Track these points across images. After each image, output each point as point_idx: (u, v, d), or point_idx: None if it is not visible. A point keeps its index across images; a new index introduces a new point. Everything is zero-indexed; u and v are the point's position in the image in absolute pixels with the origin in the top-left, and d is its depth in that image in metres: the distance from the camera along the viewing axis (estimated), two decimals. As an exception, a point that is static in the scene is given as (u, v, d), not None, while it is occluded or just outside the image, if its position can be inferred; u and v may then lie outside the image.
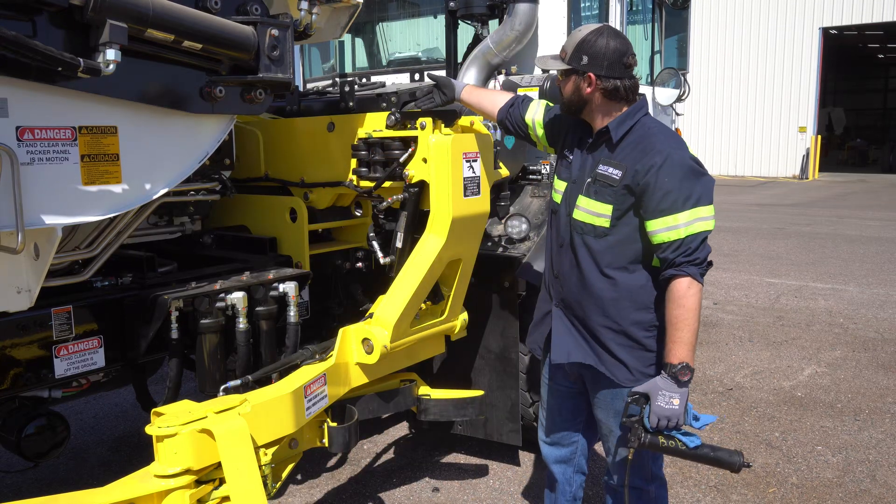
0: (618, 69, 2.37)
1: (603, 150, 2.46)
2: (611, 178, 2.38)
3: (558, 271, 2.60)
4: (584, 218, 2.45)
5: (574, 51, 2.39)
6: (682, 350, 2.27)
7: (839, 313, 7.14)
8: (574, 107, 2.49)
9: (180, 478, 2.37)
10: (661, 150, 2.32)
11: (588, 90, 2.40)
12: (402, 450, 4.25)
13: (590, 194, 2.43)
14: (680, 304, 2.27)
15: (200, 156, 2.76)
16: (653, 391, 2.28)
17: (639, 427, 2.30)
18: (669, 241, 2.29)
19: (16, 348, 2.58)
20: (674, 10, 5.33)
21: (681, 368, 2.26)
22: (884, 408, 4.77)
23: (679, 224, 2.27)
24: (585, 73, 2.39)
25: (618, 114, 2.43)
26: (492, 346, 3.76)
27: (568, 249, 2.53)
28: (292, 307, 3.12)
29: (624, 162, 2.37)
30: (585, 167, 2.49)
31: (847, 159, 29.97)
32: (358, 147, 3.50)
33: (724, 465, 2.30)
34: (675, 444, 2.29)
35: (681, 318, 2.27)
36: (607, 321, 2.45)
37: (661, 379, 2.29)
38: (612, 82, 2.38)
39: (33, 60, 2.08)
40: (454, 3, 4.16)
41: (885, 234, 12.05)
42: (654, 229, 2.31)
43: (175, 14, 2.40)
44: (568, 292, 2.56)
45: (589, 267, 2.46)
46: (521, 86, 4.00)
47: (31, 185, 2.21)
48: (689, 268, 2.27)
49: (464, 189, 3.14)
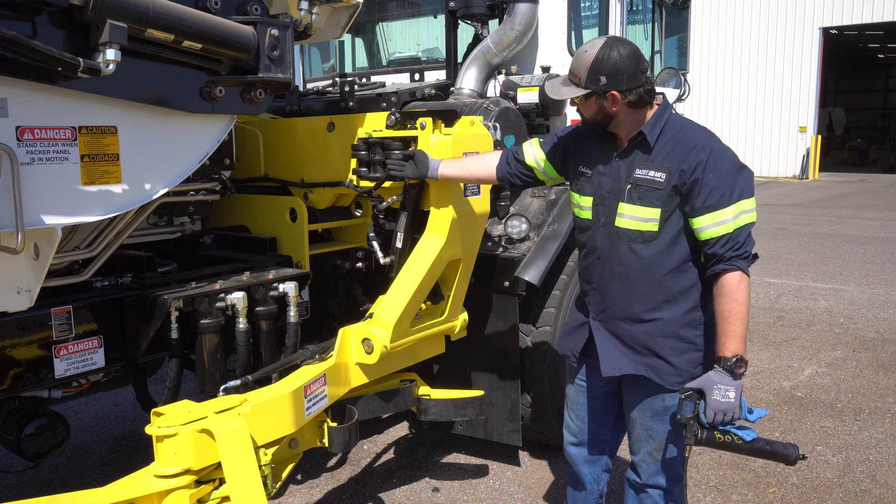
0: (637, 78, 2.33)
1: (637, 155, 2.41)
2: (654, 181, 2.34)
3: (597, 283, 2.54)
4: (630, 225, 2.40)
5: (589, 73, 2.32)
6: (735, 343, 2.27)
7: (839, 313, 7.14)
8: (600, 125, 2.44)
9: (180, 478, 2.37)
10: (704, 147, 2.31)
11: (614, 108, 2.36)
12: (402, 450, 4.24)
13: (633, 200, 2.38)
14: (732, 297, 2.27)
15: (200, 156, 2.76)
16: (707, 386, 2.27)
17: (694, 424, 2.29)
18: (718, 237, 2.28)
19: (16, 348, 2.58)
20: (674, 10, 5.33)
21: (735, 361, 2.26)
22: (884, 408, 4.77)
23: (727, 219, 2.26)
24: (608, 93, 2.33)
25: (646, 119, 2.40)
26: (492, 346, 3.75)
27: (609, 260, 2.48)
28: (292, 307, 3.12)
29: (665, 163, 2.34)
30: (619, 175, 2.43)
31: (847, 159, 29.97)
32: (358, 147, 3.50)
33: (779, 458, 2.29)
34: (731, 438, 2.28)
35: (733, 312, 2.27)
36: (658, 327, 2.43)
37: (715, 373, 2.27)
38: (636, 93, 2.34)
39: (33, 60, 2.08)
40: (454, 3, 4.16)
41: (885, 234, 12.05)
42: (702, 225, 2.30)
43: (175, 14, 2.40)
44: (610, 302, 2.50)
45: (638, 274, 2.42)
46: (522, 85, 4.00)
47: (31, 185, 2.21)
48: (738, 262, 2.27)
49: (464, 189, 3.14)
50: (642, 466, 2.60)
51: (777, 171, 24.77)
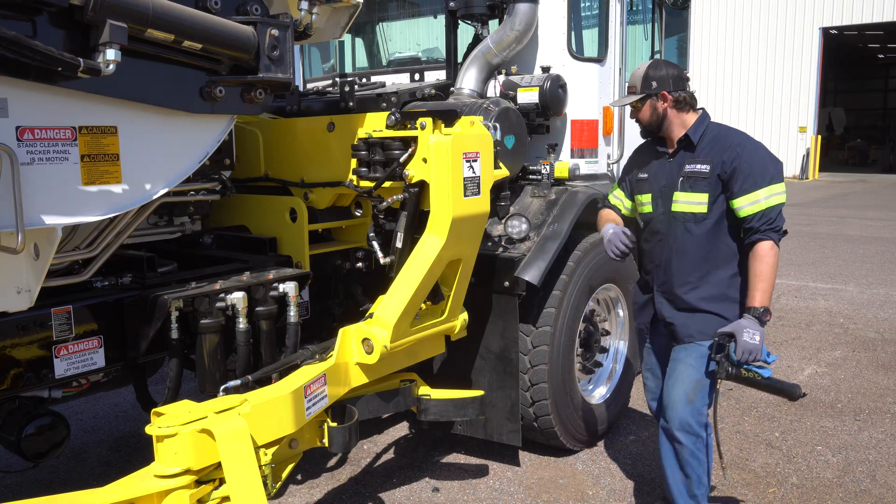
0: (680, 83, 2.98)
1: (684, 155, 2.99)
2: (701, 172, 2.91)
3: (659, 261, 3.07)
4: (684, 208, 2.95)
5: (643, 82, 2.98)
6: (763, 297, 2.79)
7: (839, 313, 7.14)
8: (654, 126, 3.03)
9: (180, 478, 2.38)
10: (739, 143, 2.89)
11: (663, 106, 2.97)
12: (402, 450, 4.24)
13: (685, 189, 2.94)
14: (763, 261, 2.79)
15: (200, 156, 2.76)
16: (738, 330, 2.74)
17: (725, 361, 2.76)
18: (753, 213, 2.81)
19: (16, 348, 2.58)
20: (674, 10, 5.32)
21: (763, 311, 2.77)
22: (884, 408, 4.77)
23: (760, 199, 2.80)
24: (659, 93, 2.94)
25: (690, 122, 2.99)
26: (492, 346, 3.75)
27: (668, 240, 3.02)
28: (292, 307, 3.12)
29: (708, 157, 2.91)
30: (672, 172, 3.01)
31: (847, 159, 29.97)
32: (358, 147, 3.50)
33: (786, 394, 2.78)
34: (752, 375, 2.76)
35: (763, 272, 2.78)
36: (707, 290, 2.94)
37: (746, 320, 2.76)
38: (680, 94, 2.96)
39: (33, 60, 2.08)
40: (454, 3, 4.15)
41: (885, 234, 12.05)
42: (740, 205, 2.83)
43: (175, 14, 2.40)
44: (670, 275, 3.02)
45: (692, 248, 2.95)
46: (522, 86, 4.00)
47: (31, 185, 2.21)
48: (770, 233, 2.80)
49: (464, 189, 3.14)
50: (677, 408, 2.94)
51: (777, 171, 24.76)
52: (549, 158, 4.08)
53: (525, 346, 3.78)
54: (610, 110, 4.39)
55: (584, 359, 4.27)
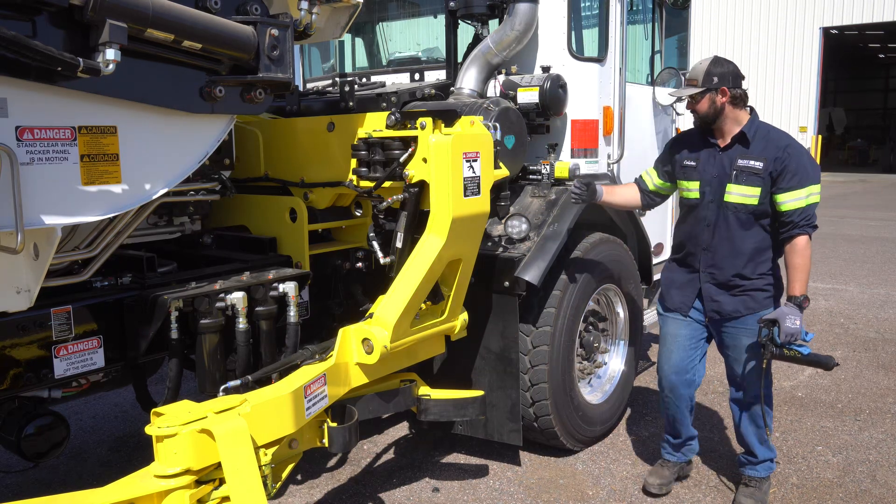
0: (738, 81, 3.24)
1: (738, 149, 3.24)
2: (754, 168, 3.18)
3: (707, 245, 3.35)
4: (736, 199, 3.23)
5: (704, 76, 3.21)
6: (801, 286, 3.15)
7: (839, 313, 7.13)
8: (710, 118, 3.26)
9: (180, 478, 2.38)
10: (788, 144, 3.20)
11: (722, 100, 3.20)
12: (402, 450, 4.24)
13: (739, 182, 3.21)
14: (802, 254, 3.15)
15: (200, 156, 2.76)
16: (781, 316, 3.07)
17: (770, 344, 3.10)
18: (795, 209, 3.13)
19: (16, 348, 2.58)
20: (674, 10, 5.32)
21: (803, 299, 3.13)
22: (884, 408, 4.77)
23: (801, 196, 3.13)
24: (719, 88, 3.18)
25: (743, 119, 3.25)
26: (492, 346, 3.75)
27: (718, 227, 3.30)
28: (292, 307, 3.12)
29: (762, 155, 3.18)
30: (724, 164, 3.27)
31: (847, 159, 29.98)
32: (358, 147, 3.49)
33: (822, 365, 3.09)
34: (794, 353, 3.09)
35: (801, 265, 3.16)
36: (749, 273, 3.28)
37: (787, 307, 3.12)
38: (737, 91, 3.21)
39: (33, 60, 2.08)
40: (454, 3, 4.15)
41: (886, 234, 12.05)
42: (784, 200, 3.15)
43: (175, 14, 2.40)
44: (720, 259, 3.32)
45: (742, 235, 3.25)
46: (522, 85, 3.99)
47: (30, 185, 2.21)
48: (807, 228, 3.14)
49: (464, 189, 3.13)
50: (749, 382, 3.36)
51: (777, 171, 24.76)
52: (549, 158, 4.08)
53: (525, 346, 3.78)
54: (610, 110, 4.39)
55: (585, 359, 4.27)
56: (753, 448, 3.51)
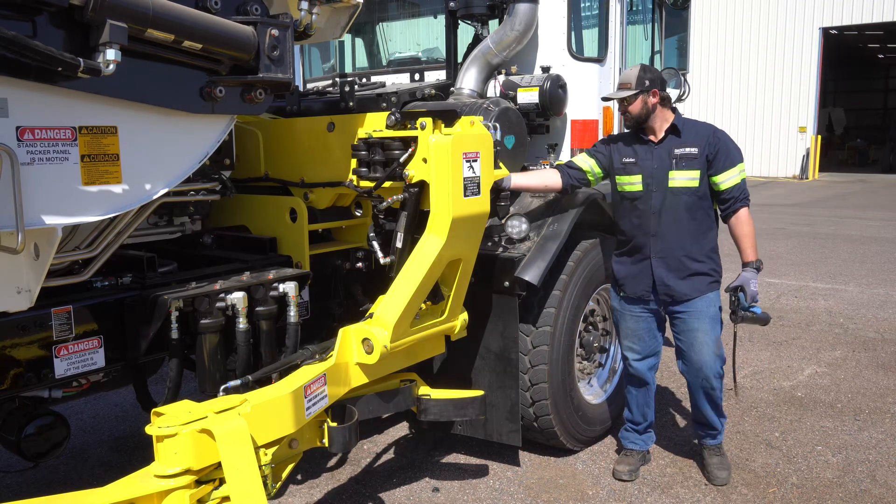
0: (664, 85, 3.61)
1: (672, 140, 3.57)
2: (692, 153, 3.53)
3: (656, 231, 3.59)
4: (680, 184, 3.54)
5: (637, 80, 3.50)
6: (753, 252, 3.54)
7: (839, 313, 7.14)
8: (642, 118, 3.56)
9: (180, 478, 2.38)
10: (714, 131, 3.59)
11: (653, 101, 3.53)
12: (402, 450, 4.24)
13: (680, 168, 3.53)
14: (747, 223, 3.55)
15: (200, 156, 2.76)
16: (745, 282, 3.47)
17: (738, 308, 3.47)
18: (732, 186, 3.52)
19: (16, 348, 2.58)
20: (674, 10, 5.32)
21: (758, 262, 3.53)
22: (884, 408, 4.77)
23: (735, 174, 3.53)
24: (651, 90, 3.50)
25: (670, 117, 3.60)
26: (492, 346, 3.75)
27: (661, 213, 3.56)
28: (292, 307, 3.12)
29: (695, 142, 3.54)
30: (662, 156, 3.57)
31: (847, 159, 29.93)
32: (358, 147, 3.50)
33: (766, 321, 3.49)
34: (753, 315, 3.46)
35: (748, 232, 3.55)
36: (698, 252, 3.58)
37: (748, 272, 3.50)
38: (664, 93, 3.57)
39: (33, 60, 2.08)
40: (454, 3, 4.15)
41: (885, 234, 12.05)
42: (723, 180, 3.53)
43: (175, 14, 2.40)
44: (669, 242, 3.58)
45: (686, 217, 3.56)
46: (521, 85, 4.00)
47: (31, 185, 2.21)
48: (746, 201, 3.55)
49: (464, 189, 3.14)
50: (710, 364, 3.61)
51: (777, 171, 24.76)
52: (549, 158, 4.08)
53: (525, 346, 3.78)
54: (610, 110, 4.40)
55: (585, 359, 4.27)
56: (714, 423, 3.79)
